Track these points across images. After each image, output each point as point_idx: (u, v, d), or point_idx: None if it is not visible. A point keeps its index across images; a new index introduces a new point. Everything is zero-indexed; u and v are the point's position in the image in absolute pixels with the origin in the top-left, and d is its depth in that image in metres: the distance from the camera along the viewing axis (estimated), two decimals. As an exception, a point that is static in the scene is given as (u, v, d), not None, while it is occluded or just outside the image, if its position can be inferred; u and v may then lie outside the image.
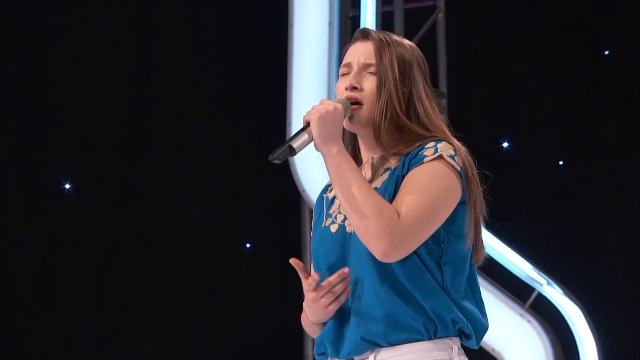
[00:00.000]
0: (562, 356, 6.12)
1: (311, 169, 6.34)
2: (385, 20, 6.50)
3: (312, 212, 5.81)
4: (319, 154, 2.64)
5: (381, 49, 2.65)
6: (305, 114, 2.50)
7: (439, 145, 2.58)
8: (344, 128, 2.65)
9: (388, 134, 2.65)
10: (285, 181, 6.91)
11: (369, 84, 2.62)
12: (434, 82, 6.45)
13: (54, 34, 7.23)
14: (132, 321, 7.37)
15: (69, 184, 7.14)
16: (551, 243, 7.03)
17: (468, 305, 2.68)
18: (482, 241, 2.68)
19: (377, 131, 2.63)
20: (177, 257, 7.42)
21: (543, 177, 7.37)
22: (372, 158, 2.69)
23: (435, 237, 2.56)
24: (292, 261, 2.52)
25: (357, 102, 2.62)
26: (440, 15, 6.65)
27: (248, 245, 7.55)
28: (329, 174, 2.57)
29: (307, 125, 2.50)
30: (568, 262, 6.94)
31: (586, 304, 6.49)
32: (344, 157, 2.58)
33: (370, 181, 2.67)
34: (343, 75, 2.64)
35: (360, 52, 2.67)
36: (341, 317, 2.67)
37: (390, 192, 2.55)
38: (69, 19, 7.12)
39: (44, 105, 7.19)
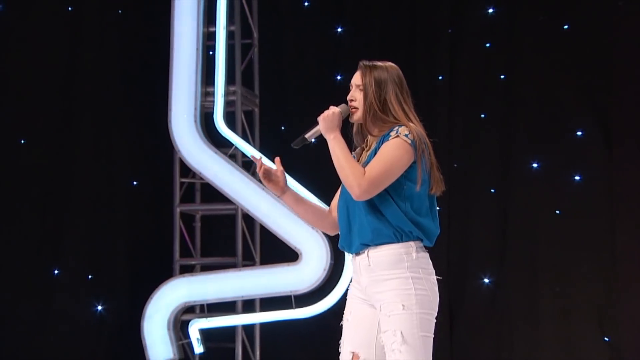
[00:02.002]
0: (334, 254, 7.02)
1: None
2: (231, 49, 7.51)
3: (181, 161, 7.32)
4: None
5: (364, 74, 3.71)
6: (322, 114, 3.63)
7: (399, 129, 3.57)
8: (354, 123, 3.73)
9: (372, 123, 3.69)
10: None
11: (359, 96, 3.68)
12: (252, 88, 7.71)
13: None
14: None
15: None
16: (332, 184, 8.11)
17: (424, 220, 3.65)
18: (437, 180, 3.63)
19: (365, 123, 3.70)
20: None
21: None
22: (368, 139, 3.75)
23: (398, 182, 3.57)
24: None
25: (354, 108, 3.68)
26: (256, 50, 7.87)
27: (134, 182, 7.98)
28: (330, 151, 3.63)
29: (317, 122, 3.65)
30: None
31: None
32: (337, 140, 3.60)
33: (367, 151, 3.72)
34: (349, 91, 3.75)
35: (355, 78, 3.74)
36: (350, 231, 3.71)
37: (372, 159, 3.59)
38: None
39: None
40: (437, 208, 3.75)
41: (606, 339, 7.54)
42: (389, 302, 3.55)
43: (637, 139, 7.85)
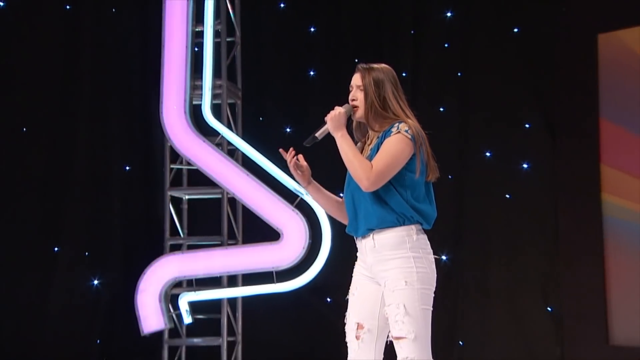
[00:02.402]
0: (311, 234, 7.12)
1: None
2: (217, 46, 7.53)
3: (171, 148, 7.26)
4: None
5: (363, 76, 3.76)
6: (329, 114, 3.66)
7: (400, 125, 3.63)
8: (354, 120, 3.77)
9: (374, 120, 3.75)
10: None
11: (360, 96, 3.74)
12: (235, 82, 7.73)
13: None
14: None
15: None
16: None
17: (422, 206, 3.72)
18: (433, 168, 3.68)
19: (367, 120, 3.75)
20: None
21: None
22: (370, 134, 3.80)
23: (400, 173, 3.63)
24: (281, 151, 3.80)
25: (355, 107, 3.73)
26: (239, 47, 7.84)
27: (126, 167, 7.98)
28: (339, 147, 3.69)
29: (325, 122, 3.69)
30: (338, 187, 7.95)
31: None
32: (345, 137, 3.67)
33: (370, 145, 3.77)
34: (350, 92, 3.80)
35: (354, 79, 3.78)
36: (356, 218, 3.78)
37: (375, 152, 3.64)
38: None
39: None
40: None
41: (549, 308, 7.73)
42: (393, 279, 3.64)
43: (576, 132, 7.98)
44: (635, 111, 7.90)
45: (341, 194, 3.94)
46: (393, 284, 3.63)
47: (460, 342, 8.21)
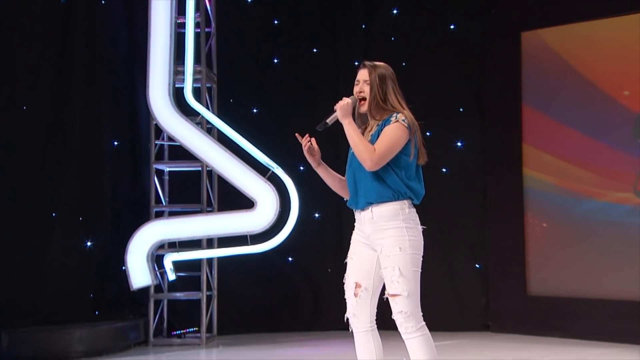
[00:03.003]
0: (281, 203, 7.24)
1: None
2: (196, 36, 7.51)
3: (156, 126, 7.19)
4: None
5: (370, 72, 3.85)
6: (338, 103, 3.73)
7: (398, 115, 3.74)
8: (356, 110, 3.81)
9: (375, 110, 3.84)
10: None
11: (367, 89, 3.83)
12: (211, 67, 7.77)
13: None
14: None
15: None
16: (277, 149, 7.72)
17: (413, 184, 3.80)
18: (423, 153, 3.77)
19: (370, 110, 3.83)
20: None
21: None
22: (371, 122, 3.86)
23: (396, 156, 3.72)
24: (297, 135, 3.87)
25: (363, 98, 3.81)
26: (214, 37, 7.89)
27: (115, 143, 7.90)
28: (346, 133, 3.75)
29: (334, 110, 3.77)
30: (283, 160, 7.61)
31: (294, 179, 7.46)
32: (351, 124, 3.76)
33: (370, 132, 3.81)
34: (356, 84, 3.87)
35: (362, 74, 3.86)
36: (357, 194, 3.85)
37: (375, 138, 3.72)
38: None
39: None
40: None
41: (477, 265, 8.18)
42: (389, 246, 3.72)
43: (502, 115, 8.31)
44: (552, 98, 8.22)
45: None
46: (389, 250, 3.72)
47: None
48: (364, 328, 3.89)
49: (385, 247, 3.73)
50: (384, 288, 3.85)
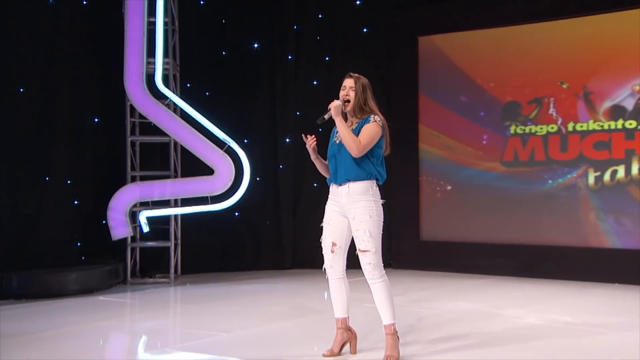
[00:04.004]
0: (236, 171, 7.15)
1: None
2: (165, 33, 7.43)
3: (131, 106, 7.32)
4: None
5: (355, 82, 4.00)
6: (331, 103, 3.89)
7: (375, 117, 3.94)
8: (343, 110, 3.94)
9: (357, 111, 4.00)
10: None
11: (352, 94, 3.99)
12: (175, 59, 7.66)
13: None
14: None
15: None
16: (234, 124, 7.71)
17: (381, 169, 3.99)
18: (389, 147, 3.96)
19: (353, 111, 3.99)
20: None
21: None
22: (351, 119, 4.01)
23: (371, 149, 3.91)
24: (303, 136, 4.05)
25: (347, 101, 3.97)
26: (177, 35, 7.82)
27: (96, 120, 7.85)
28: (337, 127, 3.91)
29: (329, 109, 3.94)
30: (229, 134, 7.49)
31: (247, 152, 7.45)
32: (342, 120, 3.91)
33: (351, 127, 3.94)
34: (342, 89, 4.00)
35: (348, 82, 4.02)
36: (337, 173, 3.98)
37: (357, 132, 3.89)
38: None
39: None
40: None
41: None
42: (361, 214, 3.93)
43: (404, 101, 8.61)
44: (441, 89, 8.65)
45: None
46: (360, 217, 3.93)
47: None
48: (337, 276, 4.14)
49: (357, 215, 3.92)
50: (352, 246, 4.06)
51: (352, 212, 3.95)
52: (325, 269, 4.15)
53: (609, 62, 7.70)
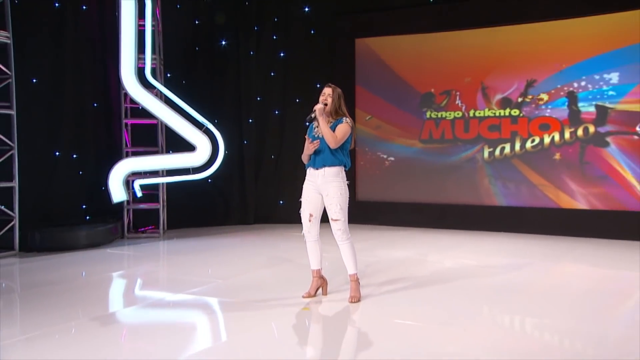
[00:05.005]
0: (212, 148, 7.25)
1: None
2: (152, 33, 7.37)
3: (125, 94, 7.06)
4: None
5: (333, 91, 4.10)
6: (315, 106, 3.95)
7: (346, 119, 4.05)
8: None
9: (332, 114, 4.08)
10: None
11: (330, 100, 4.10)
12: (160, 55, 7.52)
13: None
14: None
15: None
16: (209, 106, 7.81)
17: (347, 159, 4.09)
18: (354, 142, 4.01)
19: (329, 113, 4.09)
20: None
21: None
22: (329, 119, 4.07)
23: (343, 144, 4.03)
24: (306, 138, 3.97)
25: (326, 104, 4.05)
26: (161, 34, 7.59)
27: (95, 104, 7.74)
28: (320, 124, 3.96)
29: (314, 111, 4.03)
30: (213, 116, 7.72)
31: (218, 130, 7.46)
32: (324, 121, 4.00)
33: (328, 125, 3.98)
34: (322, 95, 4.08)
35: (327, 90, 4.11)
36: (315, 160, 4.07)
37: (333, 129, 3.99)
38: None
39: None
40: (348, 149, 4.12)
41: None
42: (333, 192, 4.09)
43: (344, 90, 7.32)
44: (374, 82, 8.79)
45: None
46: (333, 194, 4.10)
47: (281, 201, 8.81)
48: (313, 239, 4.29)
49: (330, 192, 4.10)
50: (324, 216, 4.20)
51: (326, 190, 4.07)
52: (304, 234, 4.27)
53: (500, 65, 8.05)
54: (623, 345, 3.43)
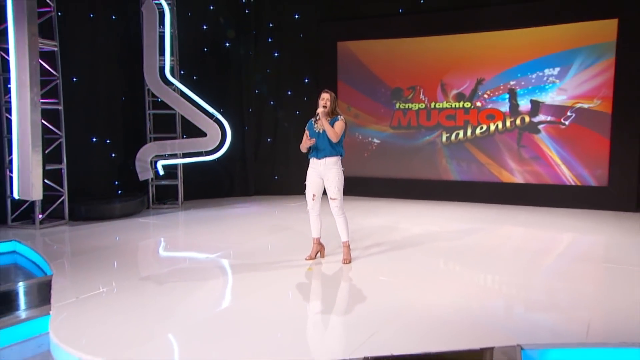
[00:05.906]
0: (222, 135, 7.35)
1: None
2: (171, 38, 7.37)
3: (149, 89, 7.24)
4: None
5: (330, 95, 4.15)
6: (318, 110, 3.99)
7: (341, 117, 4.09)
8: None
9: (330, 114, 4.11)
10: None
11: (328, 103, 4.14)
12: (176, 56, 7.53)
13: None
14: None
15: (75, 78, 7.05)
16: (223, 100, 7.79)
17: (342, 150, 4.16)
18: (347, 136, 4.39)
19: (329, 114, 4.11)
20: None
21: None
22: (329, 118, 4.11)
23: (340, 138, 4.07)
24: (306, 131, 4.03)
25: (325, 107, 4.08)
26: (177, 39, 7.52)
27: (123, 98, 7.72)
28: (323, 125, 4.01)
29: (318, 113, 4.09)
30: (219, 106, 7.70)
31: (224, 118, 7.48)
32: (326, 121, 4.05)
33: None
34: (321, 100, 4.10)
35: (325, 96, 4.14)
36: (318, 151, 4.15)
37: (331, 125, 4.04)
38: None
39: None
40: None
41: None
42: (332, 177, 4.21)
43: (328, 86, 8.06)
44: (354, 78, 8.70)
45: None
46: (332, 178, 4.23)
47: (275, 177, 8.86)
48: (316, 214, 4.48)
49: (330, 177, 4.25)
50: (324, 196, 4.38)
51: (326, 176, 4.22)
52: (308, 210, 4.50)
53: (456, 66, 8.04)
54: (547, 292, 3.81)
